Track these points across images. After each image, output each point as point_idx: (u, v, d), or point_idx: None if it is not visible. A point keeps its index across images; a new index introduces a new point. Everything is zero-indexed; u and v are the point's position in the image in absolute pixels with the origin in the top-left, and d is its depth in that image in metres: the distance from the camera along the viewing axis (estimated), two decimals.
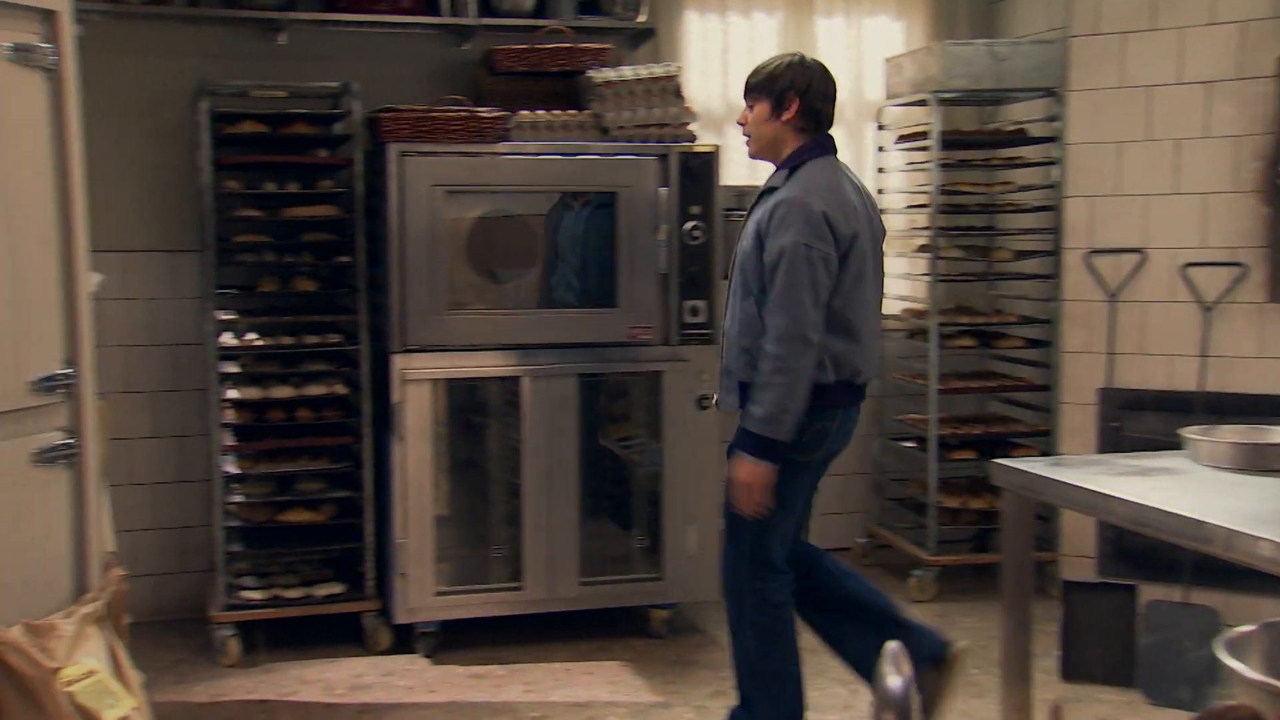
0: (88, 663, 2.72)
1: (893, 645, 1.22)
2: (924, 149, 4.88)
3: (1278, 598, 3.79)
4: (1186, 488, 2.56)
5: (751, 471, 3.08)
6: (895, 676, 1.16)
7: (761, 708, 3.28)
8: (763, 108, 3.20)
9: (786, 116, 3.18)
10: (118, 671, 2.81)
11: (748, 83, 3.26)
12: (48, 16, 2.74)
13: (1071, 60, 4.61)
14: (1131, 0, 4.49)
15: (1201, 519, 2.26)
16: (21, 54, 2.68)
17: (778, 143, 3.23)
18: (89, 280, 2.97)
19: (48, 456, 2.82)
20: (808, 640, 4.39)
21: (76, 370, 2.89)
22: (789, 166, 3.19)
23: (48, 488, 2.84)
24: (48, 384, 2.81)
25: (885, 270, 3.40)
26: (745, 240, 3.22)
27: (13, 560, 2.73)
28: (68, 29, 2.77)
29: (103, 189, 2.97)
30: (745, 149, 3.35)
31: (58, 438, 2.85)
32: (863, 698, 3.90)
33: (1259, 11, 4.27)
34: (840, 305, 3.13)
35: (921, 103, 4.88)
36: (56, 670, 2.61)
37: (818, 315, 3.05)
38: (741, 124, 3.30)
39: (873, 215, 3.28)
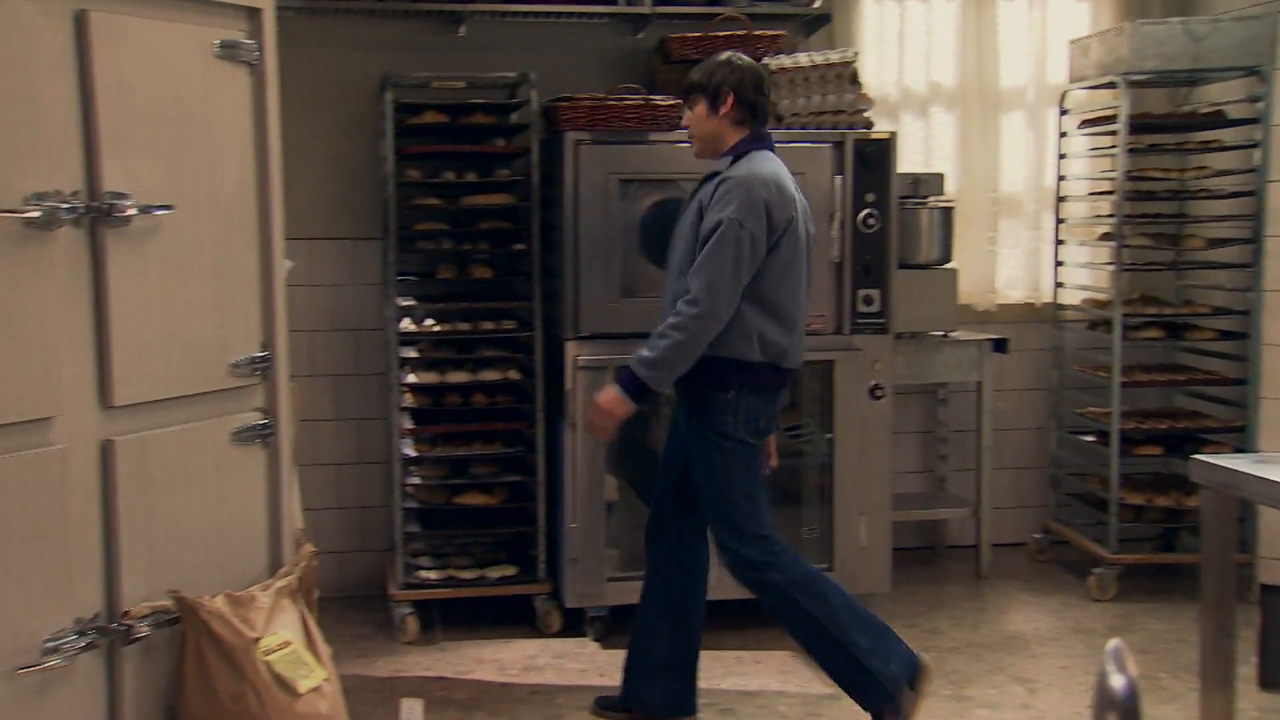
0: (283, 634, 2.83)
1: (1114, 643, 1.18)
2: (1110, 134, 4.70)
3: None
4: None
5: (616, 403, 3.30)
6: (1119, 675, 1.12)
7: (872, 663, 3.29)
8: (701, 107, 3.36)
9: (724, 111, 3.33)
10: (309, 643, 2.91)
11: (685, 85, 3.41)
12: (253, 14, 2.86)
13: None
14: None
15: None
16: (228, 50, 2.79)
17: (718, 138, 3.37)
18: (282, 267, 3.09)
19: (245, 435, 2.94)
20: (984, 636, 4.31)
21: (272, 353, 3.00)
22: (733, 155, 3.35)
23: (246, 465, 2.97)
24: (246, 366, 2.93)
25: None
26: (685, 221, 3.38)
27: (216, 534, 2.86)
28: (270, 25, 2.88)
29: (291, 178, 3.08)
30: (691, 150, 3.47)
31: (255, 418, 2.97)
32: (1041, 697, 3.80)
33: None
34: (769, 290, 3.28)
35: (1109, 85, 4.70)
36: (256, 640, 2.73)
37: (734, 292, 3.21)
38: (685, 126, 3.45)
39: (807, 214, 3.41)
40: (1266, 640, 3.83)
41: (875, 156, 4.28)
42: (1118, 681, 1.11)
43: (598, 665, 4.09)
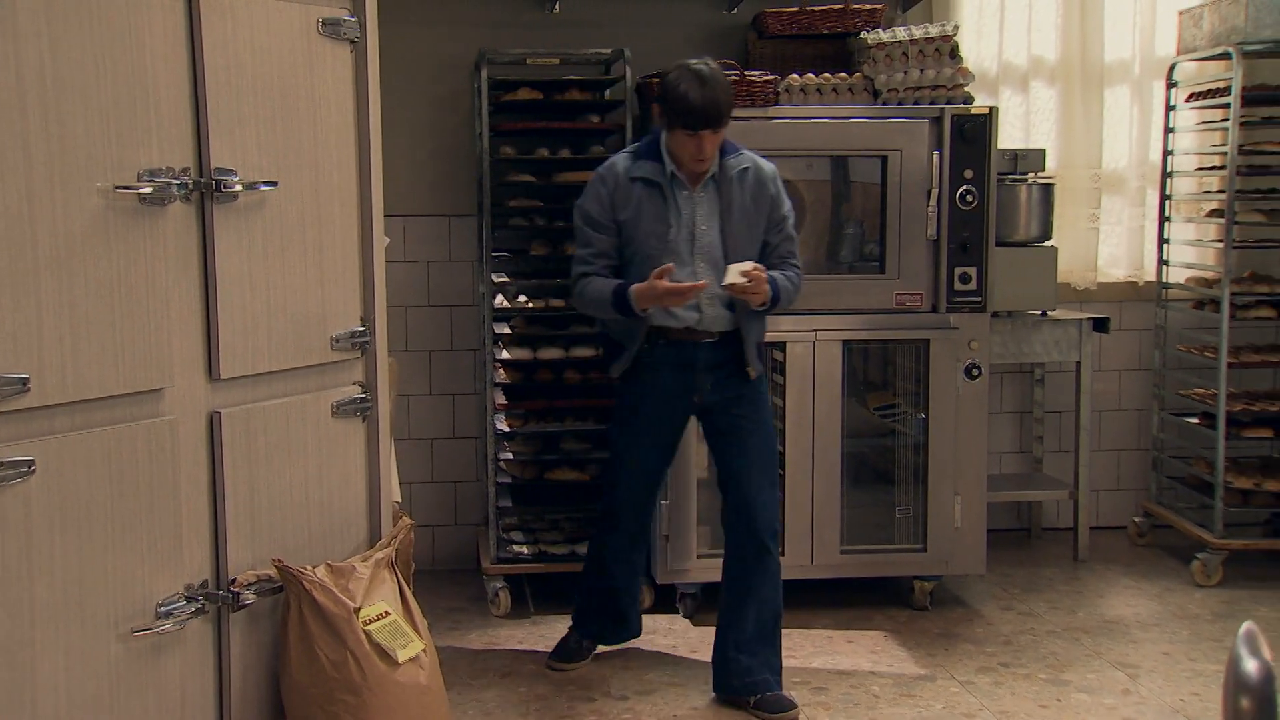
0: (382, 605, 2.87)
1: (1246, 626, 1.14)
2: (1222, 107, 4.56)
3: None
4: None
5: (765, 293, 3.45)
6: (1252, 659, 1.08)
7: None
8: (721, 133, 3.48)
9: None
10: (407, 615, 2.95)
11: (718, 117, 3.42)
12: None
13: None
14: None
15: None
16: (331, 28, 2.82)
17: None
18: (381, 242, 3.12)
19: (346, 409, 2.99)
20: (1082, 620, 4.24)
21: (371, 328, 3.03)
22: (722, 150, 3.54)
23: (346, 438, 3.01)
24: (347, 340, 2.97)
25: None
26: (740, 211, 3.52)
27: (317, 505, 2.91)
28: (372, 2, 2.91)
29: (387, 155, 3.11)
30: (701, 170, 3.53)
31: (354, 391, 3.01)
32: (1143, 683, 3.72)
33: None
34: None
35: (1222, 56, 4.55)
36: (357, 610, 2.77)
37: None
38: (706, 156, 3.48)
39: None
40: None
41: (974, 132, 4.20)
42: (1251, 665, 1.07)
43: (689, 641, 4.09)
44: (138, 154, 2.42)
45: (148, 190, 2.43)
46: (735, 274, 3.38)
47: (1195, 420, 4.86)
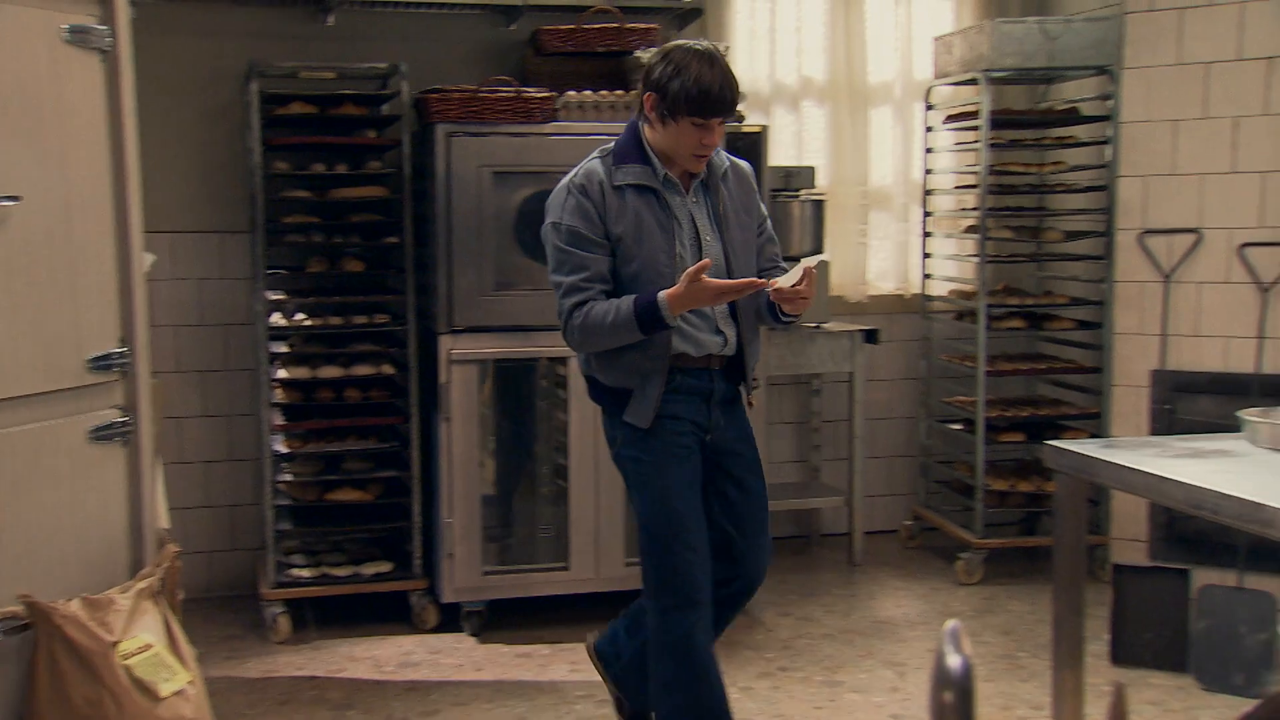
0: (144, 637, 2.76)
1: (951, 624, 1.21)
2: (973, 129, 4.84)
3: None
4: (1245, 470, 2.52)
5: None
6: (955, 655, 1.15)
7: None
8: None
9: None
10: (173, 646, 2.84)
11: (730, 106, 2.93)
12: None
13: (1126, 37, 4.54)
14: None
15: (1262, 502, 2.23)
16: (79, 36, 2.70)
17: None
18: (142, 260, 3.00)
19: (104, 434, 2.86)
20: (855, 622, 4.41)
21: (131, 349, 2.92)
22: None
23: (104, 465, 2.89)
24: (104, 362, 2.85)
25: None
26: (734, 208, 3.08)
27: (72, 535, 2.78)
28: (123, 11, 2.80)
29: (153, 170, 3.00)
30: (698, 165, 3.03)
31: (113, 415, 2.90)
32: (909, 680, 3.89)
33: None
34: None
35: (971, 82, 4.83)
36: (114, 644, 2.66)
37: None
38: (711, 147, 2.98)
39: None
40: (1118, 618, 4.01)
41: (747, 149, 4.32)
42: (954, 661, 1.14)
43: (474, 660, 4.07)
44: None
45: None
46: (799, 273, 2.88)
47: (958, 426, 5.12)
